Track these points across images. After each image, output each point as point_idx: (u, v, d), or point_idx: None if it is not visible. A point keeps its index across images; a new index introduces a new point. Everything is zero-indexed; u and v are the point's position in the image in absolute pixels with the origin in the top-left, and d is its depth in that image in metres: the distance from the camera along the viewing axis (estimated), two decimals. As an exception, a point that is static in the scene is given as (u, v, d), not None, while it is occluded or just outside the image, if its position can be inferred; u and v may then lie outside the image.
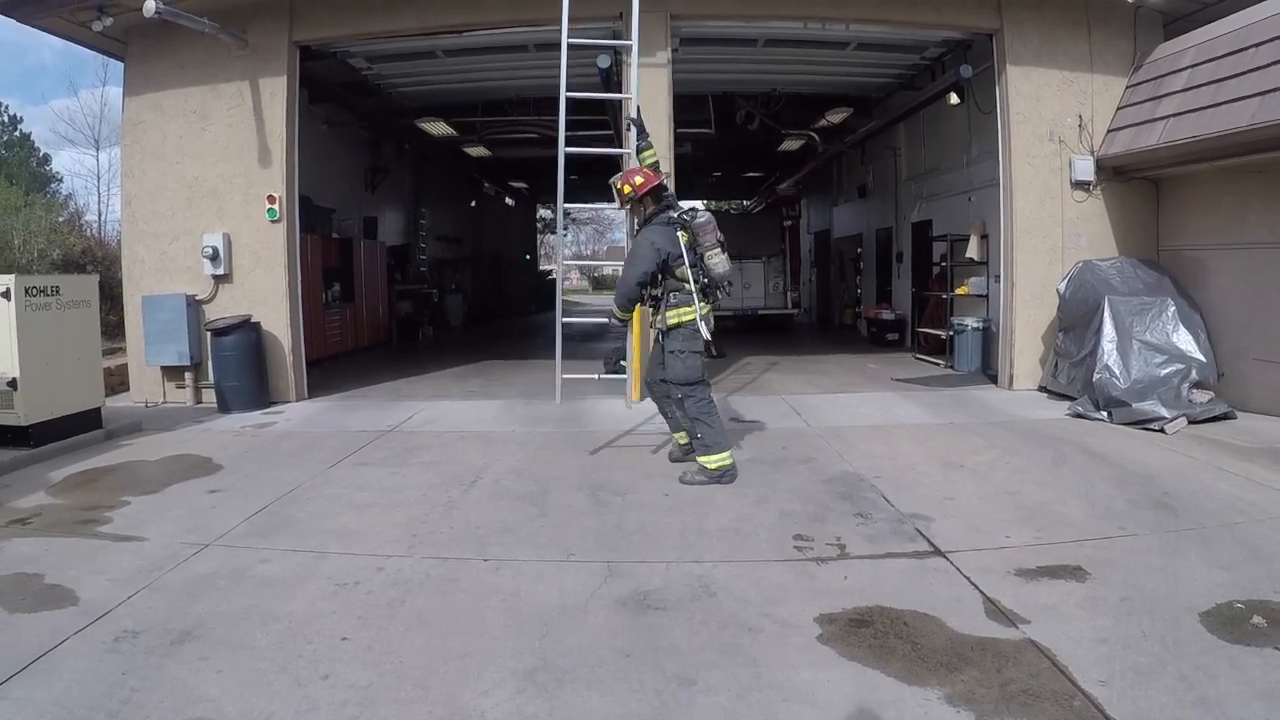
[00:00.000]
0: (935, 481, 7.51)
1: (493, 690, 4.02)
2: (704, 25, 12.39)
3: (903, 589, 5.11)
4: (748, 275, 22.66)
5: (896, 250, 19.51)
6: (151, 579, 5.46)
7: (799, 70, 15.93)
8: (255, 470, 8.35)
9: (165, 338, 11.95)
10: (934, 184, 17.05)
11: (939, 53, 14.68)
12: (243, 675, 4.19)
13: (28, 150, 48.48)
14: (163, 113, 12.30)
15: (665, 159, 11.68)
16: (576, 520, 6.62)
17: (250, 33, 11.85)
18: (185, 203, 12.20)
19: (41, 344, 9.25)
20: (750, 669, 4.17)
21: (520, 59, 14.76)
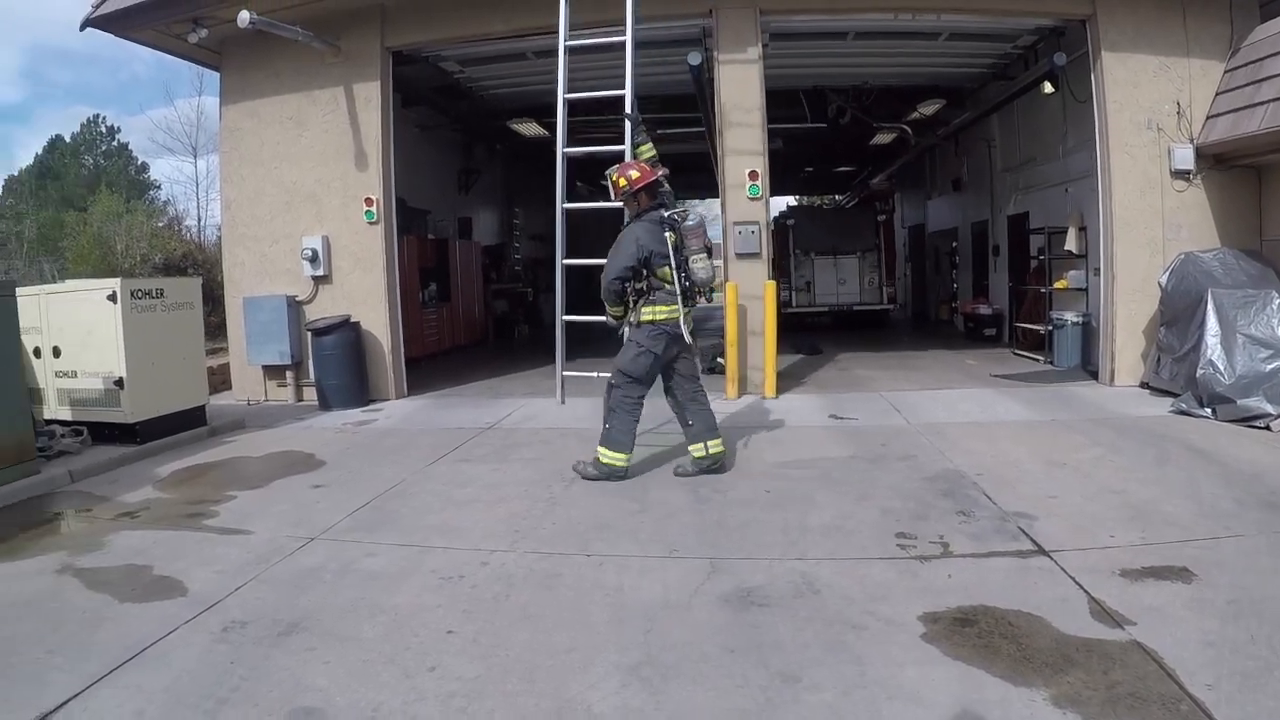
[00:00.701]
0: (1037, 479, 7.31)
1: (599, 684, 3.99)
2: (792, 20, 12.20)
3: (1007, 588, 4.97)
4: (843, 271, 22.43)
5: (993, 244, 19.11)
6: (258, 571, 5.54)
7: (890, 63, 15.65)
8: (357, 466, 8.46)
9: (266, 338, 12.22)
10: (1030, 175, 16.62)
11: (1031, 41, 14.31)
12: (350, 666, 4.21)
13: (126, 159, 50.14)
14: (259, 120, 12.56)
15: (759, 155, 11.59)
16: (677, 516, 6.55)
17: (343, 40, 12.01)
18: (284, 207, 12.42)
19: (147, 345, 9.49)
20: (855, 667, 4.09)
21: (609, 58, 14.71)
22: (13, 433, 8.05)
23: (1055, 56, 12.43)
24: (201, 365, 10.56)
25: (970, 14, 12.44)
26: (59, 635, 4.68)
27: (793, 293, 21.95)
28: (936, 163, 23.68)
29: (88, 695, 4.01)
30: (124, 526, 6.72)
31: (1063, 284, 14.31)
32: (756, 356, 11.49)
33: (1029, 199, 16.58)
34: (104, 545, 6.26)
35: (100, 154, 51.03)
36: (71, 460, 8.82)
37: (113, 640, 4.56)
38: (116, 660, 4.31)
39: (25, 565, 5.92)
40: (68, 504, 7.62)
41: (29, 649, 4.53)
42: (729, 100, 11.68)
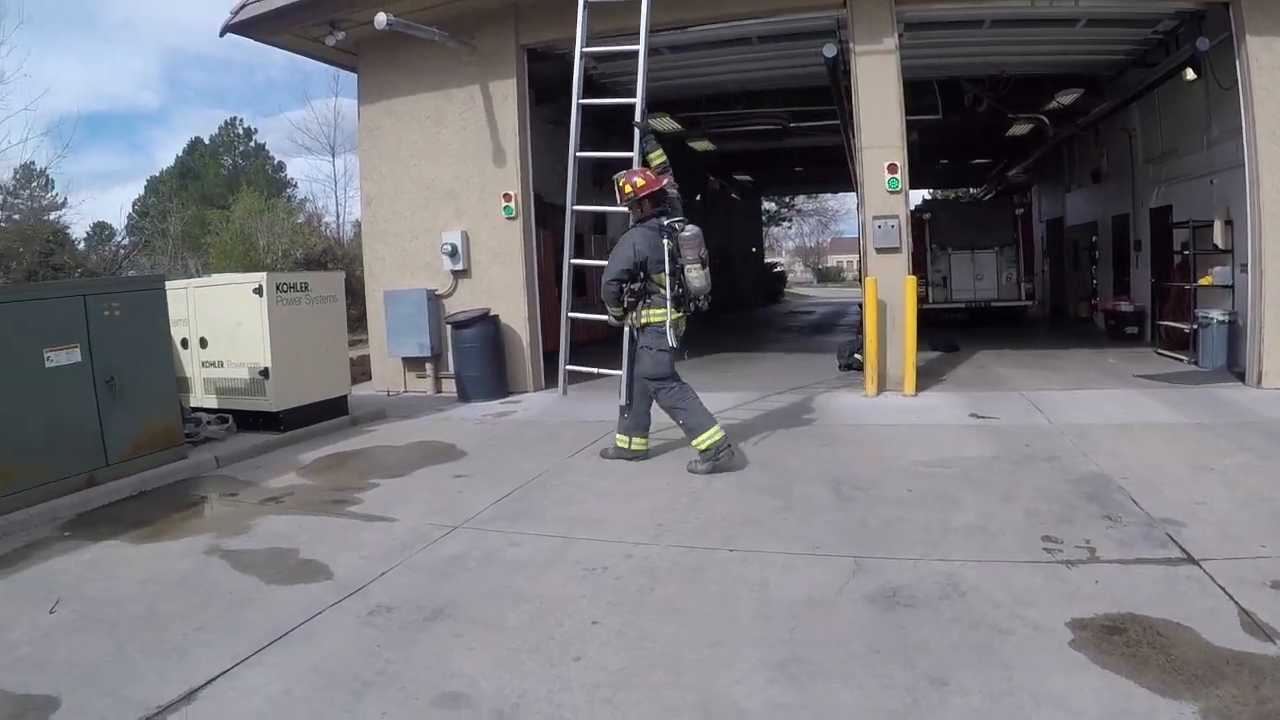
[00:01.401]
0: (1185, 484, 6.97)
1: (744, 679, 3.94)
2: (928, 9, 11.90)
3: (1155, 596, 4.75)
4: (979, 266, 21.95)
5: (1134, 238, 18.40)
6: (403, 557, 5.61)
7: (1026, 51, 15.21)
8: (498, 457, 8.56)
9: (406, 330, 12.47)
10: (1173, 167, 15.91)
11: (1172, 26, 13.67)
12: (495, 653, 4.23)
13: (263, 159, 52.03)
14: (397, 118, 12.81)
15: (898, 148, 11.32)
16: (820, 514, 6.44)
17: (477, 39, 12.16)
18: (423, 203, 12.64)
19: (291, 336, 9.75)
20: (1002, 671, 3.96)
21: (745, 52, 14.63)
22: (161, 419, 8.36)
23: (1198, 41, 11.86)
24: (344, 356, 10.81)
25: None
26: (207, 614, 4.79)
27: (929, 288, 21.49)
28: (1075, 154, 22.94)
29: (235, 673, 4.10)
30: (269, 511, 6.90)
31: (1208, 280, 13.68)
32: (896, 353, 11.24)
33: (1172, 191, 15.88)
34: (250, 528, 6.43)
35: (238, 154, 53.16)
36: (217, 446, 9.10)
37: (259, 620, 4.66)
38: (263, 640, 4.40)
39: (174, 546, 6.12)
40: (214, 488, 7.86)
41: (178, 626, 4.65)
42: (865, 92, 11.45)
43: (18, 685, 4.08)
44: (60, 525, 6.75)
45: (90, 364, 7.62)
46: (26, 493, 6.95)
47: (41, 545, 6.27)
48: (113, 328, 7.84)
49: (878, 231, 11.34)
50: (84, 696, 3.95)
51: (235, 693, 3.93)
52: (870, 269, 11.37)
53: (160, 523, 6.71)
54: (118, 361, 7.84)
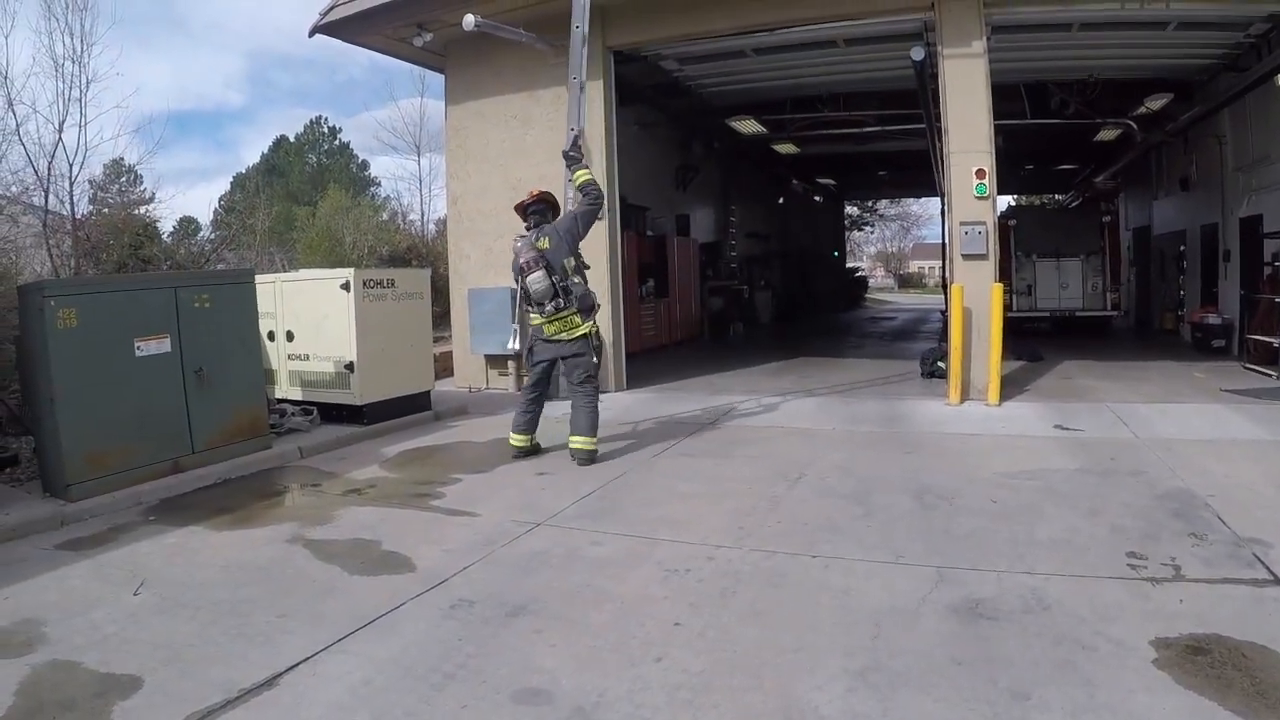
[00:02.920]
0: (1273, 503, 6.78)
1: (825, 686, 3.92)
2: (1016, 11, 11.73)
3: (1241, 617, 4.63)
4: (1065, 274, 21.60)
5: (1223, 248, 17.94)
6: (485, 552, 5.65)
7: (1115, 54, 15.01)
8: (581, 455, 8.61)
9: (489, 328, 12.56)
10: (1264, 174, 15.47)
11: (1265, 29, 13.34)
12: (576, 650, 4.26)
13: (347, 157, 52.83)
14: (484, 119, 12.95)
15: (985, 153, 11.18)
16: (902, 522, 6.39)
17: (564, 40, 12.13)
18: (509, 202, 12.54)
19: (376, 331, 9.91)
20: (1085, 689, 3.90)
21: (830, 54, 14.58)
22: (248, 408, 8.55)
23: None
24: (428, 352, 10.93)
25: (1201, 1, 11.76)
26: (290, 601, 4.88)
27: (1013, 295, 21.17)
28: (1163, 161, 22.45)
29: (317, 660, 4.17)
30: (352, 502, 7.00)
31: (1297, 292, 13.33)
32: (980, 361, 11.08)
33: (1264, 200, 15.44)
34: (333, 519, 6.54)
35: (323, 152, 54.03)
36: (301, 437, 9.28)
37: (341, 610, 4.73)
38: (345, 629, 4.47)
39: (258, 534, 6.24)
40: (297, 478, 7.99)
41: (262, 613, 4.74)
42: (953, 96, 11.31)
43: (100, 664, 4.19)
44: (145, 510, 6.94)
45: (179, 354, 7.82)
46: (113, 477, 7.16)
47: (127, 529, 6.45)
48: (202, 319, 8.04)
49: (964, 237, 11.18)
50: (165, 677, 4.05)
51: (316, 679, 3.99)
52: (956, 275, 11.22)
53: (244, 510, 6.85)
54: (206, 352, 8.04)
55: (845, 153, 24.83)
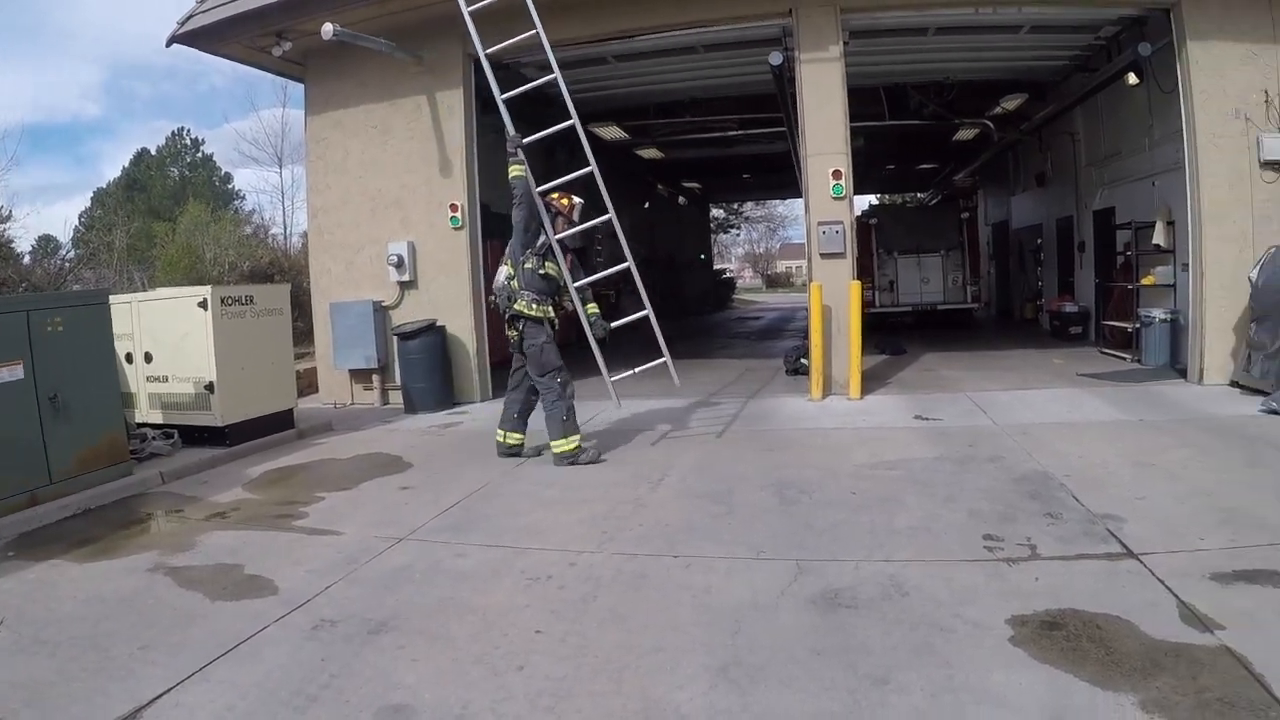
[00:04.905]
0: (1126, 481, 7.14)
1: (686, 685, 3.99)
2: (874, 17, 12.09)
3: (1095, 591, 4.88)
4: (926, 270, 22.26)
5: (1078, 240, 18.74)
6: (348, 571, 5.61)
7: (971, 57, 15.51)
8: (444, 468, 8.55)
9: (353, 342, 12.43)
10: (1115, 169, 16.25)
11: (1114, 31, 13.98)
12: (439, 664, 4.26)
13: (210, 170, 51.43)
14: (344, 129, 12.76)
15: (842, 154, 11.53)
16: (763, 518, 6.52)
17: (425, 49, 12.16)
18: (369, 214, 12.62)
19: (237, 350, 9.70)
20: (943, 670, 4.04)
21: (691, 60, 14.73)
22: (107, 435, 8.27)
23: (1139, 46, 12.15)
24: (290, 370, 10.75)
25: (1053, 5, 12.27)
26: (152, 632, 4.76)
27: (876, 292, 21.77)
28: (1020, 158, 23.33)
29: (181, 690, 4.09)
30: (215, 526, 6.86)
31: (1150, 280, 13.96)
32: (841, 357, 11.37)
33: (1115, 193, 16.20)
34: (195, 545, 6.39)
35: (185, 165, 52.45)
36: (163, 462, 9.02)
37: (205, 637, 4.64)
38: (208, 656, 4.39)
39: (120, 564, 6.06)
40: (159, 504, 7.78)
41: (124, 645, 4.62)
42: (810, 99, 11.59)
43: (-43, 709, 4.04)
44: (3, 545, 6.66)
45: (33, 381, 7.53)
46: (-34, 513, 6.87)
47: (-17, 565, 6.21)
48: (56, 343, 7.76)
49: (822, 237, 11.47)
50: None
51: (180, 710, 3.91)
52: (815, 274, 11.49)
53: (105, 541, 6.64)
54: (61, 378, 7.76)
55: (710, 157, 25.09)
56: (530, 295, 8.51)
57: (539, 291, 8.55)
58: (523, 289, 8.53)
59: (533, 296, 8.51)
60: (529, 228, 8.64)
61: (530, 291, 8.51)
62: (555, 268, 8.74)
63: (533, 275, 8.56)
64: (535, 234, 8.69)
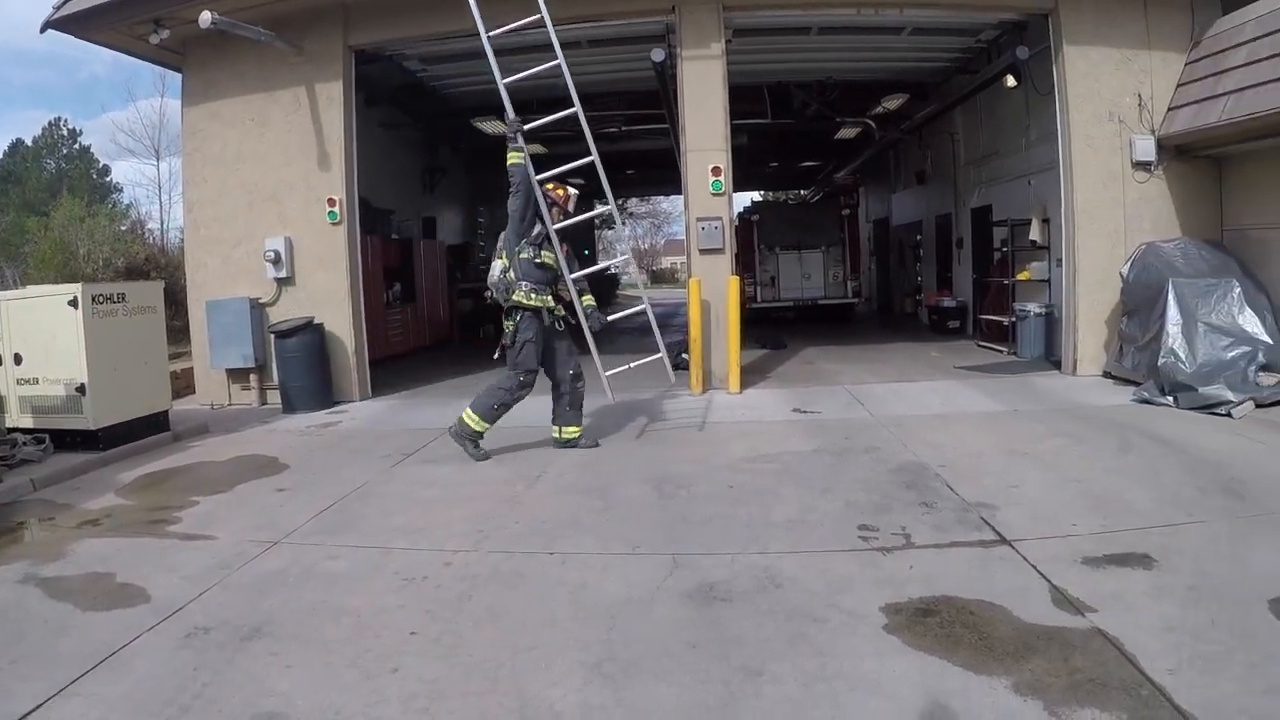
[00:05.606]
0: (1000, 470, 7.39)
1: (561, 681, 4.02)
2: (756, 15, 12.29)
3: (969, 578, 5.03)
4: (807, 265, 22.60)
5: (956, 236, 19.26)
6: (222, 576, 5.53)
7: (853, 57, 15.81)
8: (321, 468, 8.45)
9: (229, 341, 12.14)
10: (993, 168, 16.78)
11: (994, 35, 14.44)
12: (313, 669, 4.23)
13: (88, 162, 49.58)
14: (222, 121, 12.47)
15: (721, 151, 11.69)
16: (641, 513, 6.60)
17: (305, 39, 11.95)
18: (246, 208, 12.36)
19: (108, 350, 9.42)
20: (817, 659, 4.13)
21: (575, 55, 14.62)
22: (-28, 442, 7.99)
23: (1018, 50, 12.58)
24: (164, 370, 10.47)
25: (933, 8, 12.60)
26: (22, 645, 4.65)
27: (758, 288, 22.08)
28: (901, 157, 23.84)
29: (51, 705, 3.99)
30: (87, 534, 6.68)
31: (1025, 275, 14.45)
32: (721, 352, 11.55)
33: (992, 192, 16.73)
34: (66, 554, 6.21)
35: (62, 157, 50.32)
36: (34, 469, 8.74)
37: (76, 649, 4.54)
38: (80, 669, 4.29)
39: (-13, 576, 5.88)
40: (30, 513, 7.53)
41: (-8, 661, 4.50)
42: (691, 96, 11.75)
43: None
44: None
45: (-107, 386, 7.29)
46: None
47: None
48: (-83, 347, 7.49)
49: (701, 233, 11.63)
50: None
51: (50, 726, 3.83)
52: (695, 270, 11.65)
53: (-30, 552, 6.44)
54: (-77, 382, 7.51)
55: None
56: (529, 285, 8.43)
57: (537, 281, 8.47)
58: (520, 279, 8.45)
59: (531, 286, 8.42)
60: (525, 216, 8.55)
61: (528, 281, 8.44)
62: (552, 257, 8.65)
63: (530, 265, 8.48)
64: (531, 223, 8.59)
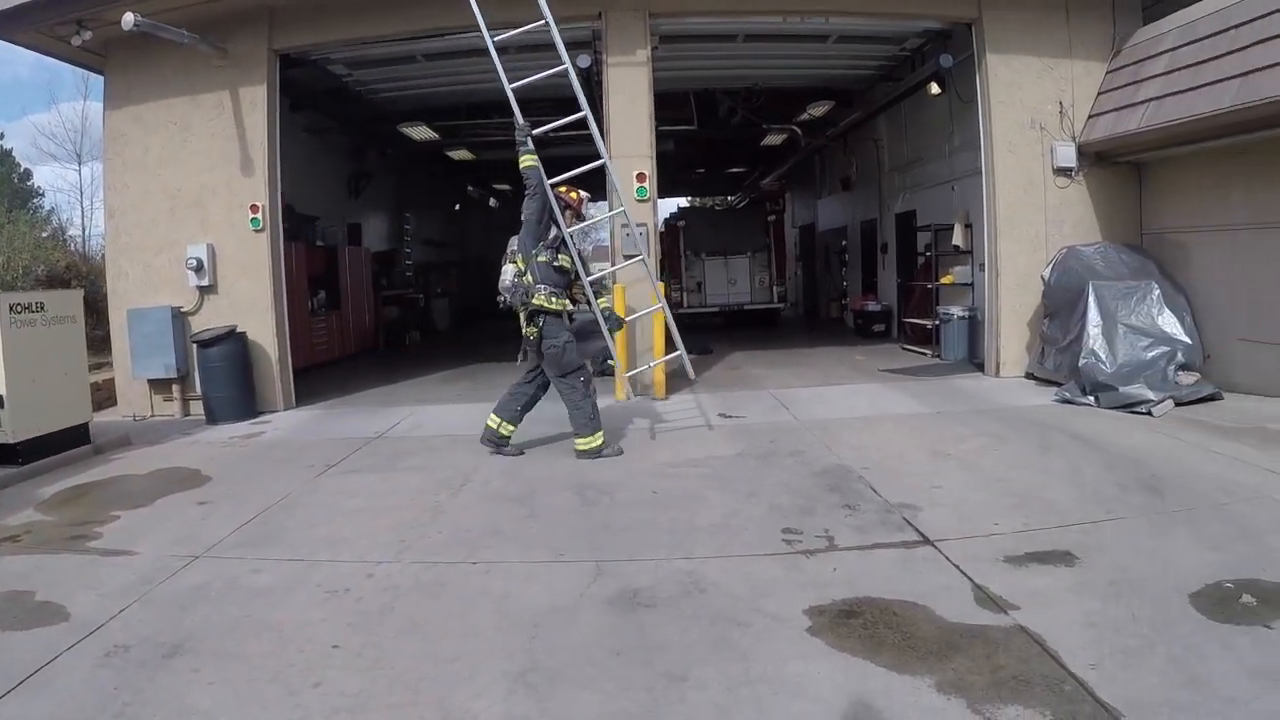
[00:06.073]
0: (923, 471, 7.54)
1: (484, 692, 4.03)
2: (682, 22, 12.40)
3: (892, 579, 5.13)
4: (733, 271, 22.78)
5: (881, 241, 19.56)
6: (143, 592, 5.46)
7: (779, 65, 15.91)
8: (244, 480, 8.35)
9: (151, 351, 11.92)
10: (917, 174, 17.09)
11: (919, 43, 14.67)
12: (235, 685, 4.21)
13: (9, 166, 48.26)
14: (144, 125, 12.26)
15: (647, 157, 11.79)
16: (565, 520, 6.64)
17: (229, 42, 11.80)
18: (169, 214, 12.15)
19: (27, 361, 9.22)
20: (740, 663, 4.19)
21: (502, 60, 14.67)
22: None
23: (941, 58, 12.85)
24: (84, 381, 10.28)
25: (858, 17, 12.76)
26: (-62, 669, 4.55)
27: (684, 293, 22.22)
28: (826, 163, 24.08)
29: None
30: (5, 551, 6.55)
31: (949, 279, 14.73)
32: (646, 358, 11.59)
33: (916, 197, 17.04)
34: (-16, 571, 6.11)
35: (-19, 162, 49.05)
36: (-50, 485, 8.57)
37: (-5, 671, 4.46)
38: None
39: (-100, 596, 5.75)
40: (-54, 530, 7.38)
41: (-93, 685, 4.40)
42: (617, 103, 11.83)
43: None
44: None
45: None
46: None
47: None
48: None
49: (626, 239, 11.67)
50: None
51: (-34, 749, 3.77)
52: (620, 276, 11.70)
53: (-116, 571, 6.29)
54: None
55: (521, 158, 25.00)
56: (548, 288, 8.52)
57: (555, 284, 8.55)
58: (538, 283, 8.52)
59: (550, 290, 8.52)
60: (541, 219, 8.65)
61: (547, 285, 8.52)
62: (569, 259, 8.71)
63: (547, 268, 8.56)
64: (547, 227, 8.70)
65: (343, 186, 20.91)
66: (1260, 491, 6.60)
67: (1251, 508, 6.22)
